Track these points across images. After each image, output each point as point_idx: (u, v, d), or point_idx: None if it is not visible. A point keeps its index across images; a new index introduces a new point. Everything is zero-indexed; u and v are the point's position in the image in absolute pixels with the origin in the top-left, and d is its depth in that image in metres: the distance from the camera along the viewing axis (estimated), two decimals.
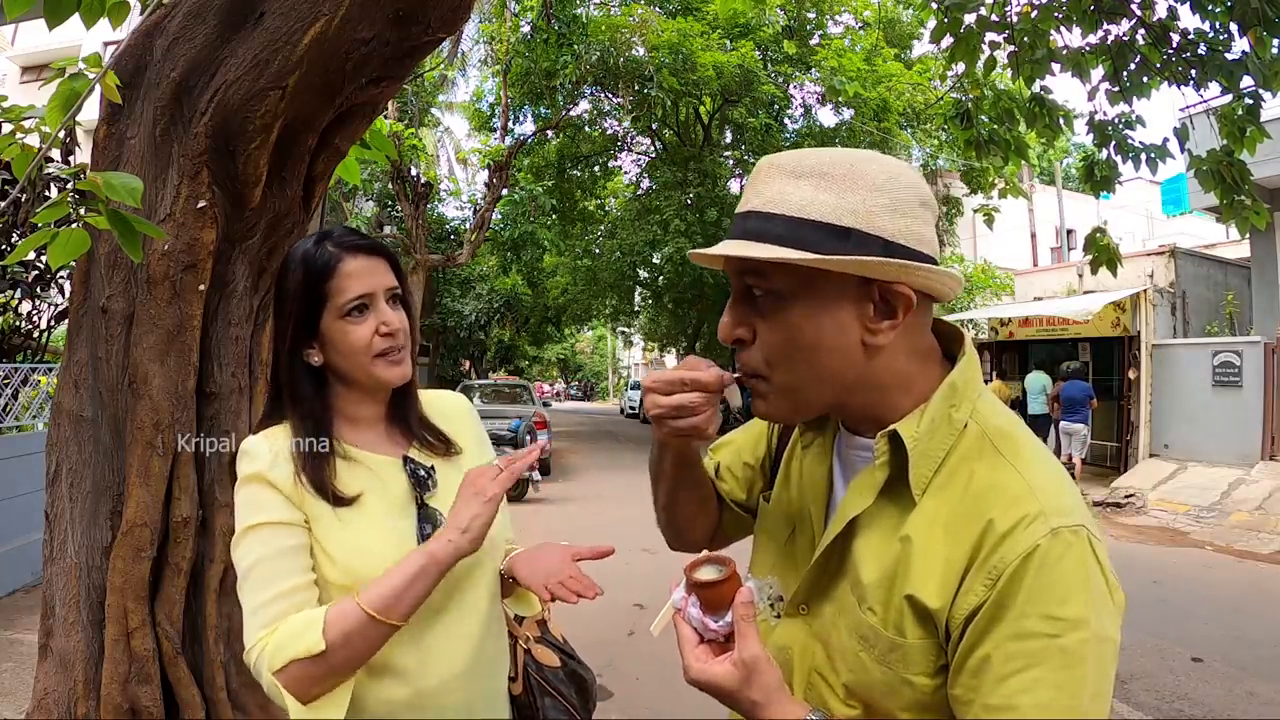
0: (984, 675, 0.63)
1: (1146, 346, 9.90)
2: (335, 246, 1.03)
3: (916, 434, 0.70)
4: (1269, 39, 3.08)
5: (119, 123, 1.64)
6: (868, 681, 0.71)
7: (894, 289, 0.69)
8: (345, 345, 1.03)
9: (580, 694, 1.21)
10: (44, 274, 5.65)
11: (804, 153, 0.72)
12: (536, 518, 7.71)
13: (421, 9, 1.64)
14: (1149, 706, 3.45)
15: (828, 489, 0.82)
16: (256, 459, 1.00)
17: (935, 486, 0.70)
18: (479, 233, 14.33)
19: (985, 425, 0.72)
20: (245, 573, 0.96)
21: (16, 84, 21.76)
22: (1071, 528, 0.64)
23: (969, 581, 0.65)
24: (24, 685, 3.19)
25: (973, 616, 0.64)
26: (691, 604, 0.72)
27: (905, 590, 0.68)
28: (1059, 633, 0.61)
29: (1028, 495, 0.66)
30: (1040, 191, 17.30)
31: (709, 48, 13.19)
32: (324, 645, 0.88)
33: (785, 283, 0.69)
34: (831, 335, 0.70)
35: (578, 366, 54.71)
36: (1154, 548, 6.73)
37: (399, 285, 1.08)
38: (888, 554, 0.71)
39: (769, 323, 0.72)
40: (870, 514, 0.73)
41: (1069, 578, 0.62)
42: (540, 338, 28.30)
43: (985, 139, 4.17)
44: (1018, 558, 0.63)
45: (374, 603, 0.90)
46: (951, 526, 0.68)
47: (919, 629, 0.68)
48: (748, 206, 0.72)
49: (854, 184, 0.69)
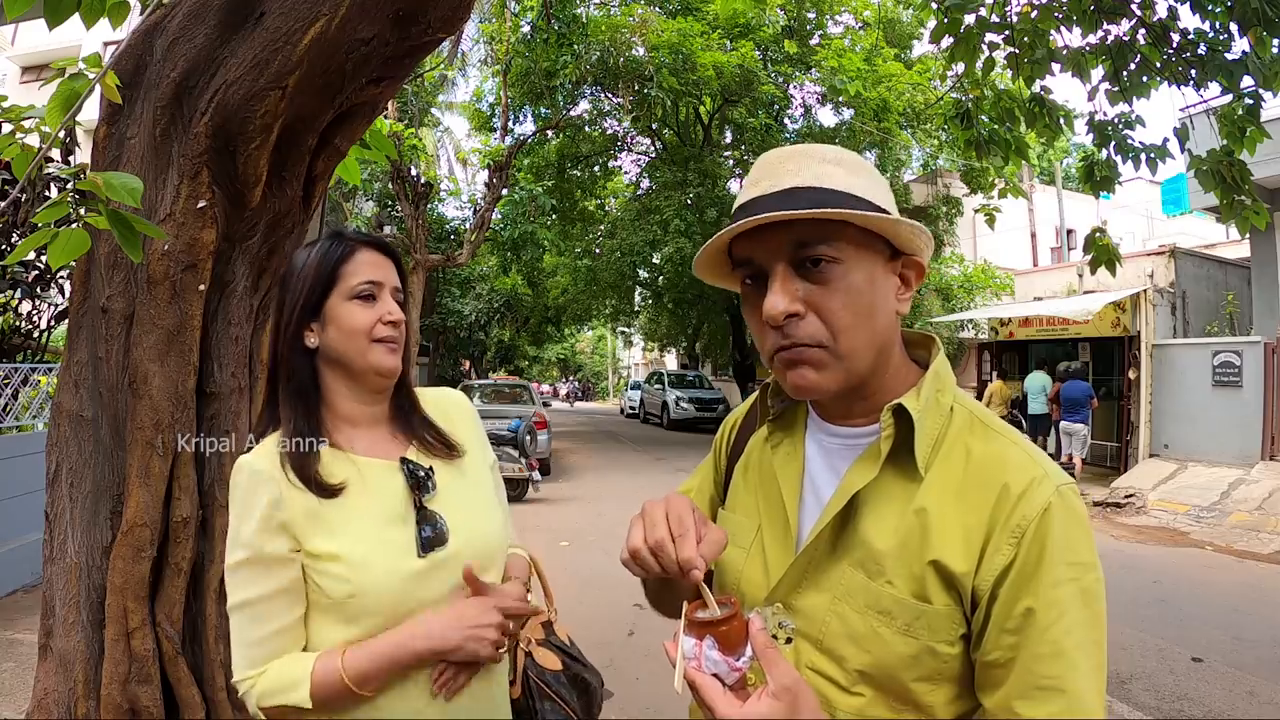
0: (1028, 628, 0.67)
1: (1146, 346, 9.90)
2: (352, 238, 1.09)
3: (918, 407, 0.75)
4: (1269, 39, 3.08)
5: (119, 123, 1.64)
6: (887, 657, 0.72)
7: (913, 260, 0.78)
8: (349, 324, 1.04)
9: (583, 698, 1.19)
10: (44, 274, 5.65)
11: (812, 146, 0.78)
12: (537, 517, 7.71)
13: (421, 9, 1.63)
14: (1149, 706, 3.45)
15: (800, 481, 0.84)
16: (252, 481, 1.00)
17: (937, 461, 0.75)
18: (479, 233, 14.32)
19: (970, 408, 0.79)
20: (234, 607, 1.00)
21: (16, 84, 21.76)
22: (1068, 484, 0.72)
23: (995, 542, 0.70)
24: (24, 685, 3.19)
25: (1004, 576, 0.69)
26: (708, 647, 0.68)
27: (929, 557, 0.72)
28: (1079, 575, 0.68)
29: (1030, 462, 0.73)
30: (1040, 191, 17.30)
31: (709, 48, 13.18)
32: (310, 705, 0.95)
33: (847, 252, 0.74)
34: (884, 299, 0.76)
35: (578, 366, 54.72)
36: (1154, 548, 6.73)
37: (402, 290, 1.12)
38: (903, 525, 0.74)
39: (832, 289, 0.74)
40: (875, 491, 0.76)
41: (1077, 528, 0.70)
42: (540, 338, 28.30)
43: (985, 139, 4.17)
44: (1037, 514, 0.69)
45: (355, 678, 0.96)
46: (963, 494, 0.73)
47: (944, 595, 0.71)
48: (786, 184, 0.75)
49: (873, 174, 0.78)
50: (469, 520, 1.08)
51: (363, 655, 0.97)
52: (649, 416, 22.69)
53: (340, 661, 0.96)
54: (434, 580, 1.02)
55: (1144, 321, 9.97)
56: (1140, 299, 9.99)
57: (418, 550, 1.01)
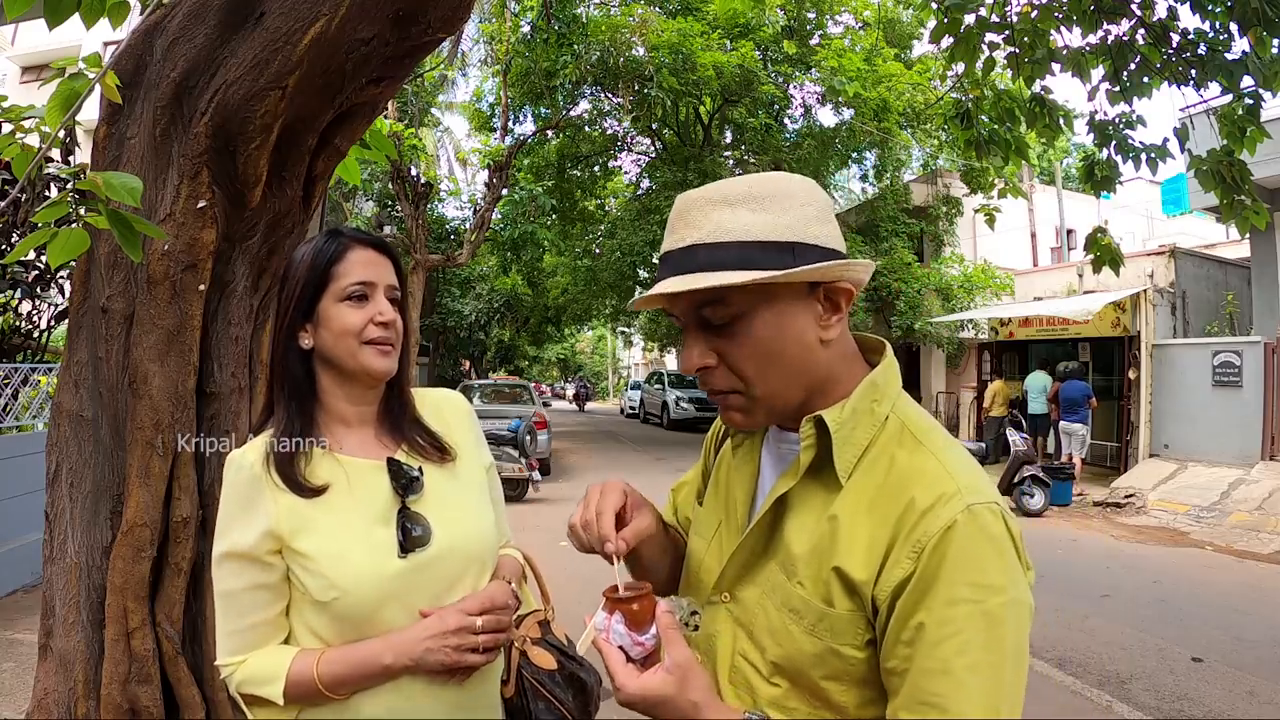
0: (919, 642, 0.68)
1: (1146, 346, 9.90)
2: (347, 237, 1.08)
3: (839, 419, 0.77)
4: (1269, 39, 3.08)
5: (119, 123, 1.64)
6: (796, 654, 0.76)
7: (837, 286, 0.77)
8: (339, 326, 1.04)
9: (578, 696, 1.18)
10: (44, 274, 5.65)
11: (726, 183, 0.78)
12: (537, 517, 7.70)
13: (421, 9, 1.63)
14: (1149, 707, 3.45)
15: (754, 483, 0.89)
16: (241, 477, 1.03)
17: (860, 471, 0.77)
18: (479, 233, 14.32)
19: (906, 419, 0.80)
20: (219, 596, 1.03)
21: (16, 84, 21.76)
22: (985, 504, 0.70)
23: (895, 554, 0.70)
24: (24, 685, 3.19)
25: (902, 588, 0.69)
26: (616, 621, 0.75)
27: (833, 563, 0.74)
28: (982, 598, 0.67)
29: (945, 476, 0.72)
30: (1040, 191, 17.27)
31: (709, 48, 13.17)
32: (283, 701, 0.99)
33: (746, 303, 0.75)
34: (795, 339, 0.77)
35: (578, 366, 54.73)
36: (1154, 548, 6.73)
37: (399, 288, 1.10)
38: (817, 531, 0.77)
39: (736, 342, 0.77)
40: (799, 496, 0.79)
41: (986, 549, 0.69)
42: (540, 338, 28.31)
43: (985, 139, 4.17)
44: (939, 531, 0.69)
45: (328, 682, 0.98)
46: (875, 505, 0.74)
47: (847, 600, 0.73)
48: (688, 241, 0.76)
49: (785, 202, 0.76)
50: (456, 522, 1.08)
51: (337, 662, 0.99)
52: (649, 416, 22.70)
53: (315, 668, 0.98)
54: (415, 581, 1.02)
55: (1144, 321, 9.98)
56: (1140, 299, 9.99)
57: (399, 550, 1.02)
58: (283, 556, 1.01)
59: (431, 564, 1.04)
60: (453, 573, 1.06)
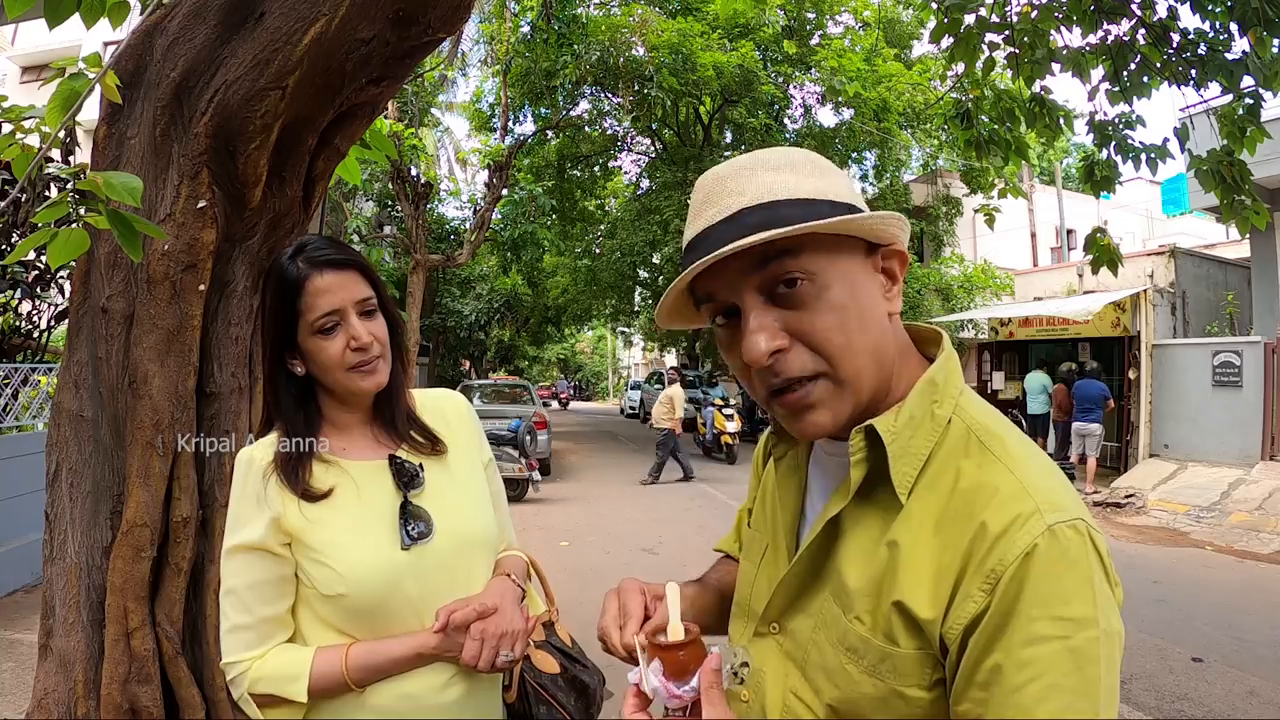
0: (995, 687, 0.59)
1: (1146, 346, 9.90)
2: (305, 263, 1.05)
3: (894, 428, 0.67)
4: (1269, 39, 3.08)
5: (119, 123, 1.64)
6: (855, 697, 0.67)
7: (892, 250, 0.70)
8: (320, 360, 1.06)
9: (580, 700, 1.19)
10: (44, 274, 5.65)
11: (757, 153, 0.71)
12: (537, 517, 7.71)
13: (421, 9, 1.63)
14: (1149, 706, 3.45)
15: (799, 501, 0.80)
16: (252, 473, 1.05)
17: (922, 487, 0.67)
18: (479, 233, 14.32)
19: (970, 422, 0.69)
20: (227, 590, 1.04)
21: (16, 84, 21.75)
22: (1069, 522, 0.60)
23: (965, 587, 0.61)
24: (24, 685, 3.19)
25: (975, 625, 0.60)
26: (653, 670, 0.68)
27: (894, 597, 0.64)
28: (1069, 634, 0.58)
29: (1020, 494, 0.62)
30: (1040, 191, 17.28)
31: (709, 48, 13.18)
32: (305, 700, 0.99)
33: (817, 262, 0.65)
34: (872, 304, 0.68)
35: (578, 366, 54.73)
36: (1154, 548, 6.73)
37: (373, 295, 1.09)
38: (875, 559, 0.67)
39: (815, 310, 0.65)
40: (853, 517, 0.70)
41: (1071, 575, 0.59)
42: (540, 338, 28.30)
43: (985, 139, 4.17)
44: (1016, 558, 0.59)
45: (357, 676, 1.00)
46: (941, 529, 0.64)
47: (911, 639, 0.64)
48: (733, 209, 0.66)
49: (821, 169, 0.70)
50: (454, 513, 1.11)
51: (376, 654, 1.01)
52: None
53: (344, 659, 1.00)
54: (419, 572, 1.05)
55: (1144, 321, 9.98)
56: (1140, 299, 9.99)
57: (402, 543, 1.05)
58: (292, 550, 1.03)
59: (434, 554, 1.07)
60: (455, 562, 1.09)
